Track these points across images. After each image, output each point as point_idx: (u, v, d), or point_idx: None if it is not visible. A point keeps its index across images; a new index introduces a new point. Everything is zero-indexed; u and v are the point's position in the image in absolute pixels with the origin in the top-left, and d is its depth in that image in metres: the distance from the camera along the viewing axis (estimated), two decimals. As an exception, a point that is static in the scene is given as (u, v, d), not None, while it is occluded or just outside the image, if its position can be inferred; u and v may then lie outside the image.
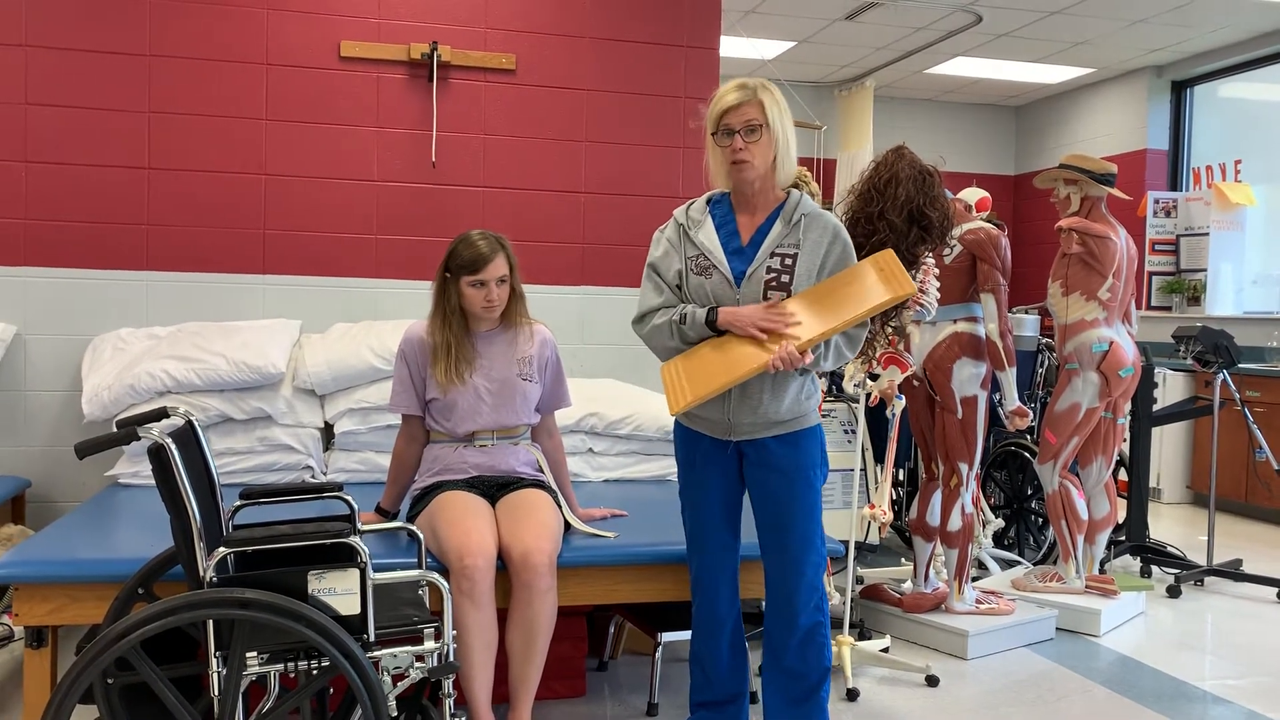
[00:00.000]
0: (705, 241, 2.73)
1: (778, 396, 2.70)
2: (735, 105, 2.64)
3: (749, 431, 2.73)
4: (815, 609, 2.77)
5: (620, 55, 4.74)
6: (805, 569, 2.75)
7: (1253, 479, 6.68)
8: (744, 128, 2.64)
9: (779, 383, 2.70)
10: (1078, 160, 4.29)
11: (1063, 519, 4.36)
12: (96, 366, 3.96)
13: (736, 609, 2.91)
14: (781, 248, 2.69)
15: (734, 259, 2.71)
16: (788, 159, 2.70)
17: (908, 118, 9.74)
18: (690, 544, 2.89)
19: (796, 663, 2.78)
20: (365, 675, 2.20)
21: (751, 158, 2.65)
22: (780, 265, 2.67)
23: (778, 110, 2.66)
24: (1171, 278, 8.18)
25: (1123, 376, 4.25)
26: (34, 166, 4.17)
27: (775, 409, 2.70)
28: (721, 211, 2.78)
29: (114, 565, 2.74)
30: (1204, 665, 3.95)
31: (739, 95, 2.65)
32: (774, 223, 2.72)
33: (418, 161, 4.54)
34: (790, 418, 2.72)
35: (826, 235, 2.71)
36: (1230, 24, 7.34)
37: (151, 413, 2.45)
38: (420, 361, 3.11)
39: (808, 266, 2.68)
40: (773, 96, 2.67)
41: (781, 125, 2.67)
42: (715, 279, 2.70)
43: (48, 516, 4.19)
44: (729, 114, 2.65)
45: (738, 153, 2.65)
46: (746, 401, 2.70)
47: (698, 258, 2.73)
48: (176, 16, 4.28)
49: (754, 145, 2.65)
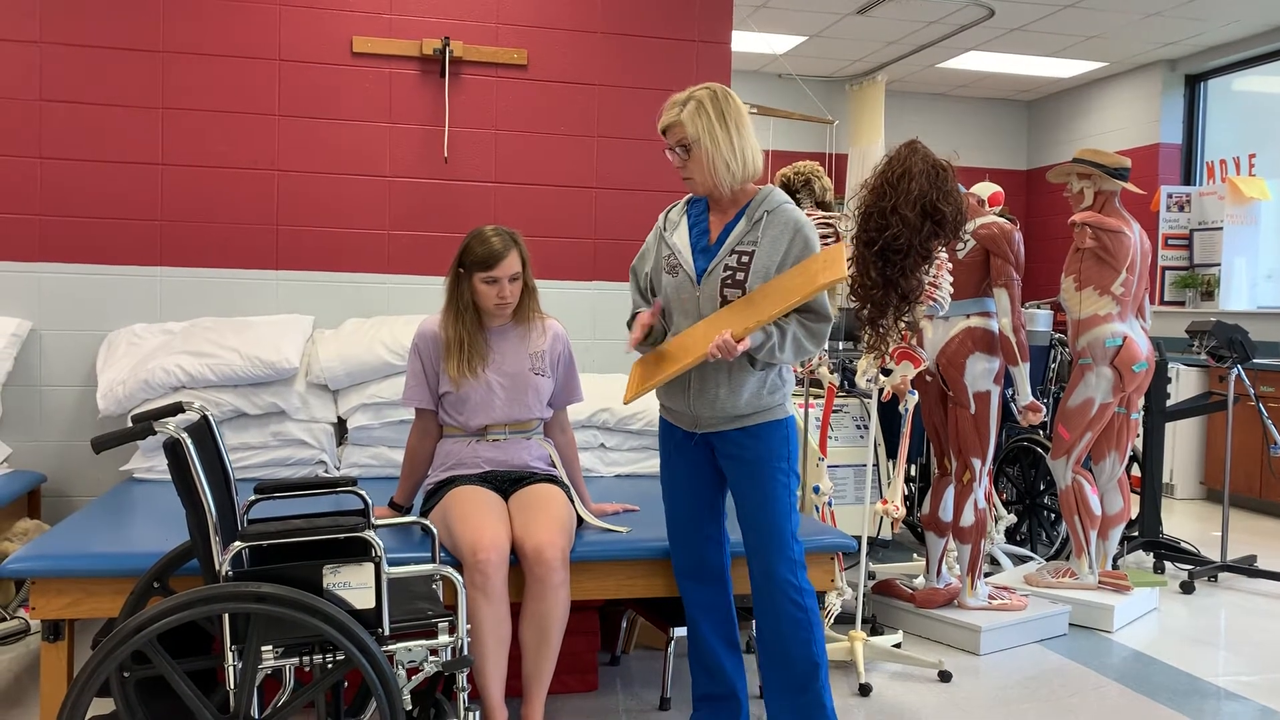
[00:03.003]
0: (677, 242, 2.80)
1: (735, 390, 2.73)
2: (668, 125, 2.72)
3: (711, 424, 2.77)
4: (792, 602, 2.75)
5: (632, 50, 4.73)
6: (778, 561, 2.75)
7: (1267, 474, 6.65)
8: (677, 145, 2.71)
9: (735, 376, 2.72)
10: (1091, 155, 4.27)
11: (1076, 514, 4.35)
12: (111, 362, 3.98)
13: (726, 601, 2.93)
14: (741, 245, 2.72)
15: (699, 257, 2.76)
16: (735, 160, 2.69)
17: (919, 112, 9.71)
18: (669, 534, 2.94)
19: (782, 653, 2.79)
20: (380, 669, 2.21)
21: (690, 174, 2.73)
22: (737, 263, 2.70)
23: (705, 122, 2.66)
24: (1185, 272, 8.14)
25: (1136, 372, 4.23)
26: (48, 163, 4.19)
27: (734, 402, 2.73)
28: (697, 211, 2.84)
29: (129, 559, 2.76)
30: (1218, 661, 3.94)
31: (667, 117, 2.73)
32: (739, 220, 2.75)
33: (430, 157, 4.55)
34: (750, 411, 2.74)
35: (786, 232, 2.71)
36: (1244, 17, 7.30)
37: (167, 408, 2.46)
38: (433, 356, 3.12)
39: (764, 264, 2.69)
40: (698, 109, 2.67)
41: (715, 135, 2.67)
42: (680, 277, 2.76)
43: (63, 511, 4.21)
44: (665, 135, 2.74)
45: (679, 170, 2.74)
46: (704, 395, 2.75)
47: (669, 257, 2.81)
48: (189, 13, 4.29)
49: (689, 163, 2.71)
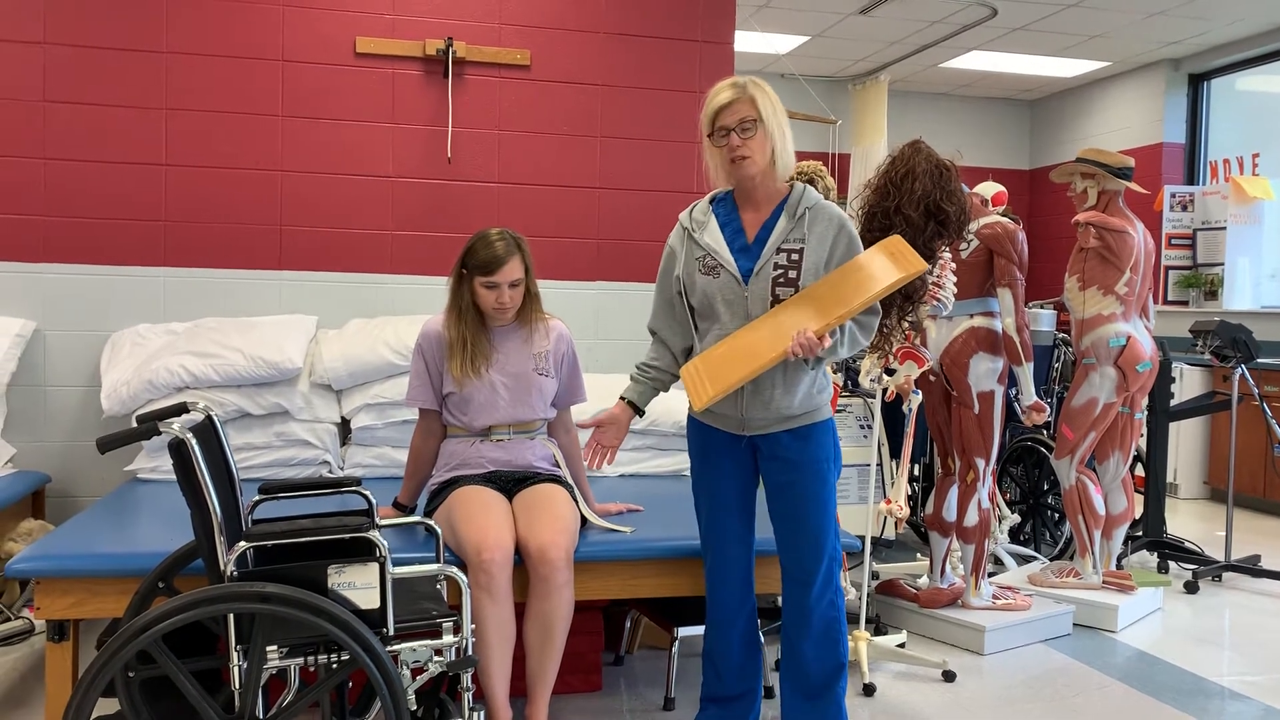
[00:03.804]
0: (710, 242, 2.73)
1: (790, 391, 2.69)
2: (728, 104, 2.66)
3: (762, 426, 2.73)
4: (830, 604, 2.77)
5: (634, 50, 4.74)
6: (819, 563, 2.75)
7: (1271, 474, 6.64)
8: (739, 125, 2.65)
9: (790, 377, 2.69)
10: (1094, 154, 4.27)
11: (1080, 514, 4.35)
12: (115, 362, 3.99)
13: (750, 604, 2.91)
14: (788, 243, 2.68)
15: (740, 256, 2.70)
16: (785, 152, 2.70)
17: (922, 112, 9.71)
18: (704, 538, 2.89)
19: (812, 659, 2.78)
20: (385, 669, 2.21)
21: (750, 153, 2.66)
22: (787, 261, 2.66)
23: (770, 106, 2.67)
24: (1189, 272, 8.13)
25: (1140, 371, 4.23)
26: (52, 164, 4.19)
27: (788, 403, 2.70)
28: (725, 210, 2.78)
29: (134, 559, 2.76)
30: (1222, 661, 3.93)
31: (731, 94, 2.66)
32: (779, 218, 2.72)
33: (433, 157, 4.55)
34: (802, 411, 2.72)
35: (832, 227, 2.70)
36: (1248, 16, 7.29)
37: (172, 408, 2.47)
38: (437, 356, 3.12)
39: (814, 261, 2.67)
40: (764, 92, 2.68)
41: (776, 120, 2.67)
42: (723, 278, 2.69)
43: (68, 511, 4.21)
44: (723, 113, 2.66)
45: (735, 149, 2.65)
46: (759, 396, 2.70)
47: (704, 258, 2.73)
48: (192, 13, 4.30)
49: (751, 141, 2.65)
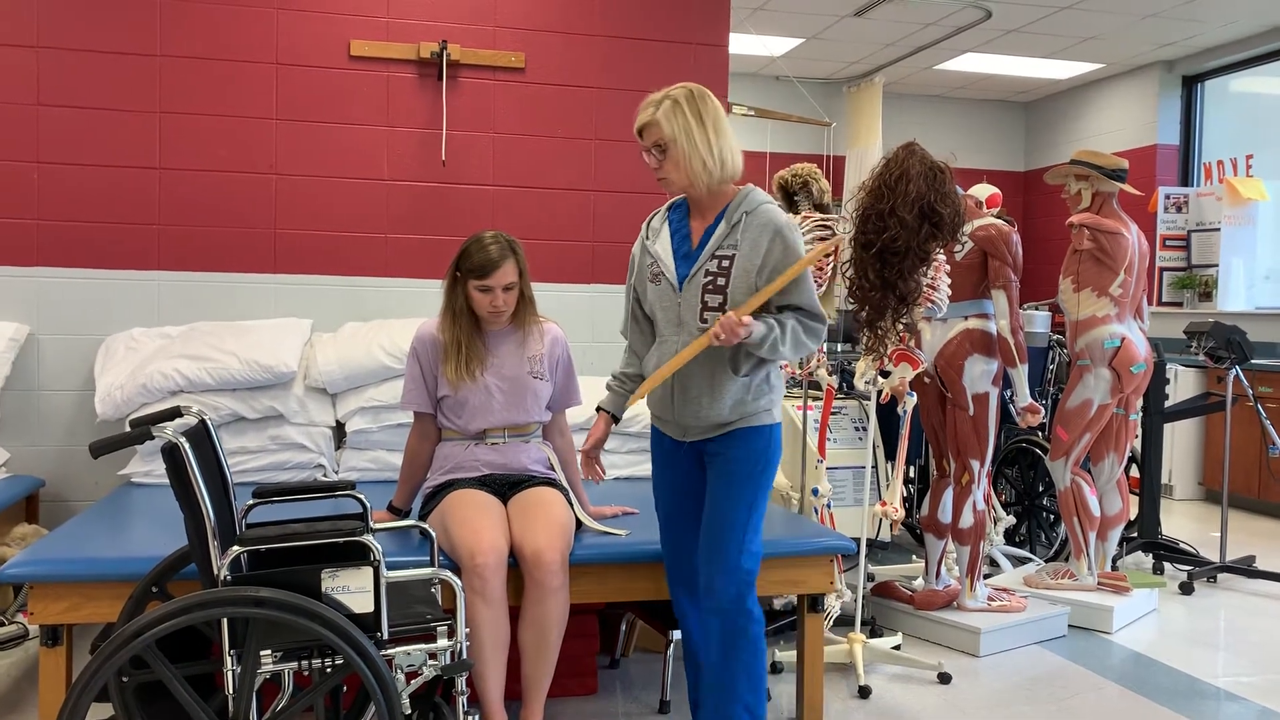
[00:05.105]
0: (659, 250, 2.75)
1: (717, 398, 2.67)
2: (644, 125, 2.67)
3: (699, 433, 2.74)
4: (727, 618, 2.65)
5: (629, 53, 4.74)
6: (717, 570, 2.65)
7: (1265, 475, 6.66)
8: (653, 146, 2.66)
9: (718, 384, 2.67)
10: (1089, 156, 4.28)
11: (1075, 516, 4.35)
12: (109, 366, 3.98)
13: None
14: (722, 249, 2.66)
15: (681, 264, 2.72)
16: (710, 161, 2.63)
17: (917, 114, 9.72)
18: (661, 541, 2.92)
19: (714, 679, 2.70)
20: (379, 673, 2.21)
21: (666, 174, 2.67)
22: (718, 267, 2.65)
23: (685, 123, 2.61)
24: (1183, 273, 8.15)
25: (1134, 373, 4.24)
26: (45, 167, 4.19)
27: (717, 410, 2.68)
28: (678, 217, 2.79)
29: (128, 564, 2.75)
30: (1217, 662, 3.93)
31: (646, 115, 2.66)
32: (719, 223, 2.70)
33: (428, 160, 4.55)
34: (736, 418, 2.70)
35: (765, 233, 2.64)
36: (1241, 18, 7.31)
37: (165, 412, 2.46)
38: (432, 359, 3.12)
39: (744, 267, 2.64)
40: (674, 108, 2.62)
41: (695, 134, 2.61)
42: (663, 285, 2.73)
43: (61, 516, 4.20)
44: (642, 133, 2.68)
45: (655, 170, 2.69)
46: (689, 404, 2.71)
47: (651, 265, 2.76)
48: (186, 17, 4.29)
49: (665, 163, 2.65)
